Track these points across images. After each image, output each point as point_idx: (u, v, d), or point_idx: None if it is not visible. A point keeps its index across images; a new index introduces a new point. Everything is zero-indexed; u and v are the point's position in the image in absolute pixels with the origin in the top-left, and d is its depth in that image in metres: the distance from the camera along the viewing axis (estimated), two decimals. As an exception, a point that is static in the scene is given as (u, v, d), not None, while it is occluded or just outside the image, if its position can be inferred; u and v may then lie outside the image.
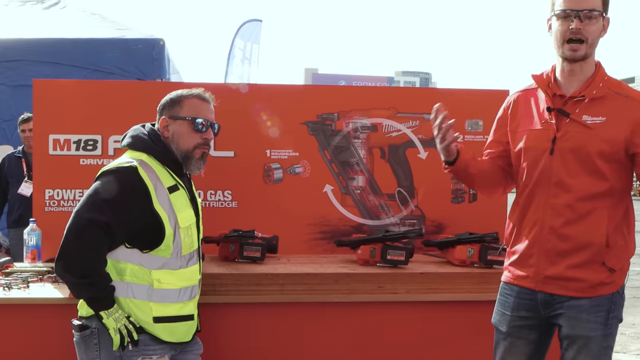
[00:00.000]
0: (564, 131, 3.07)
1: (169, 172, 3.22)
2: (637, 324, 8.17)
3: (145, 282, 3.11)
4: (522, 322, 3.20)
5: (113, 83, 5.26)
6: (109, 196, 3.05)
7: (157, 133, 3.30)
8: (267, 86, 5.09)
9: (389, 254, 4.14)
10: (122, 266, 3.11)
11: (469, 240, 4.28)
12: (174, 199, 3.17)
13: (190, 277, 3.27)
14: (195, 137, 3.27)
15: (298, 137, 4.70)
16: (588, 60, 3.09)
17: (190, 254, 3.26)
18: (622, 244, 3.07)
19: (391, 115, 4.77)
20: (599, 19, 3.02)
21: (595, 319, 3.03)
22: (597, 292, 3.04)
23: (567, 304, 3.07)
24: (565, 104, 3.10)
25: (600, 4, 3.02)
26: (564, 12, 3.01)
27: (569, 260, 3.05)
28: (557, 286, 3.08)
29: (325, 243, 4.70)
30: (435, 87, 76.55)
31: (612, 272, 3.04)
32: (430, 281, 4.03)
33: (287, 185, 4.70)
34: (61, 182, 4.51)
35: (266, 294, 3.90)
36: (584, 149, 3.02)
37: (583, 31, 2.99)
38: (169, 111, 3.29)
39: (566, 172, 3.05)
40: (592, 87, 3.07)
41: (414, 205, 4.79)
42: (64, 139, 4.52)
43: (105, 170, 3.16)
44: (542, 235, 3.10)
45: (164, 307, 3.15)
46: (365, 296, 3.98)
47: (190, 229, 3.25)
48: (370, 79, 33.09)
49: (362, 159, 4.76)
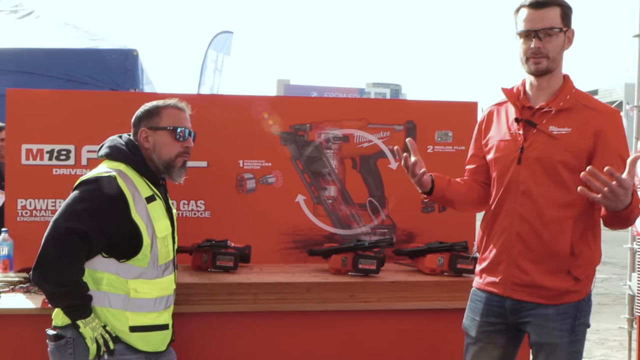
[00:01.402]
0: (531, 141, 3.14)
1: (146, 183, 3.24)
2: (601, 330, 8.29)
3: (121, 291, 3.12)
4: (490, 328, 3.26)
5: (86, 93, 5.26)
6: (88, 205, 3.06)
7: (134, 143, 3.31)
8: (241, 97, 5.12)
9: (360, 263, 4.18)
10: (98, 275, 3.11)
11: (439, 249, 4.33)
12: (151, 209, 3.19)
13: (166, 286, 3.29)
14: (176, 146, 3.31)
15: (271, 147, 4.74)
16: (554, 73, 3.17)
17: (166, 263, 3.27)
18: (588, 253, 3.13)
19: (362, 126, 4.82)
20: (559, 34, 3.10)
21: (562, 327, 3.10)
22: (563, 300, 3.11)
23: (533, 312, 3.13)
24: (533, 115, 3.18)
25: (559, 20, 3.10)
26: (525, 32, 3.11)
27: (536, 268, 3.12)
28: (525, 293, 3.14)
29: (297, 252, 4.73)
30: (405, 98, 76.85)
31: (578, 281, 3.10)
32: (401, 290, 4.08)
33: (260, 195, 4.73)
34: (34, 192, 4.50)
35: (239, 304, 3.92)
36: (549, 159, 3.09)
37: (543, 49, 3.08)
38: (148, 122, 3.31)
39: (532, 181, 3.12)
40: (559, 99, 3.14)
41: (384, 214, 4.85)
42: (37, 149, 4.52)
43: (83, 179, 3.17)
44: (510, 242, 3.17)
45: (140, 316, 3.16)
46: (337, 305, 4.01)
47: (167, 239, 3.27)
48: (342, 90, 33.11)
49: (334, 169, 4.81)
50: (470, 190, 3.46)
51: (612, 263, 14.30)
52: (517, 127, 3.20)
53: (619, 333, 7.80)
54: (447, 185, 3.38)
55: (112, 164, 3.24)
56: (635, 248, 6.96)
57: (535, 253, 3.12)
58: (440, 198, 3.41)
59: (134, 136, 3.34)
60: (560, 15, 3.10)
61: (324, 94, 29.00)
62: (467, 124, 4.85)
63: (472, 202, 3.48)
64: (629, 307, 7.16)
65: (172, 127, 3.31)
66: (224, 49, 12.95)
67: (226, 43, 13.09)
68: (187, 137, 3.35)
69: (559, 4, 3.11)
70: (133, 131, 3.36)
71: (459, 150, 4.80)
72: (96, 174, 3.17)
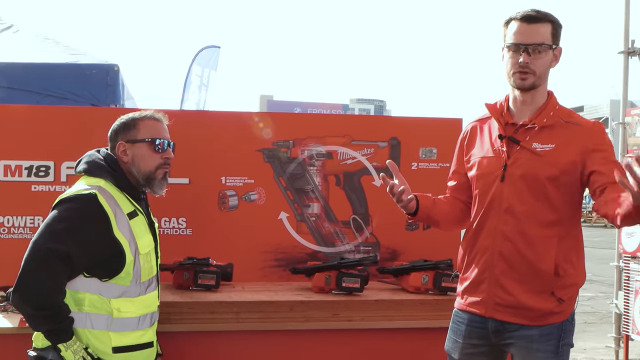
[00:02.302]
0: (514, 158, 3.10)
1: (127, 198, 3.19)
2: (588, 349, 8.27)
3: (104, 311, 3.06)
4: (473, 350, 3.21)
5: (66, 109, 5.19)
6: (68, 225, 2.99)
7: (113, 158, 3.25)
8: (223, 113, 5.09)
9: (344, 282, 4.15)
10: (80, 296, 3.04)
11: (423, 267, 4.31)
12: (133, 225, 3.14)
13: (150, 303, 3.24)
14: (155, 157, 3.26)
15: (253, 164, 4.70)
16: (539, 89, 3.14)
17: (149, 280, 3.22)
18: (572, 273, 3.08)
19: (346, 142, 4.79)
20: (547, 51, 3.07)
21: (546, 348, 3.05)
22: (547, 321, 3.06)
23: (517, 333, 3.08)
24: (516, 132, 3.14)
25: (549, 37, 3.08)
26: (514, 46, 3.07)
27: (519, 287, 3.06)
28: (508, 313, 3.09)
29: (280, 270, 4.68)
30: (389, 114, 77.20)
31: (561, 302, 3.06)
32: (385, 308, 4.05)
33: (242, 213, 4.69)
34: (12, 209, 4.43)
35: (221, 322, 3.87)
36: (534, 176, 3.06)
37: (531, 65, 3.05)
38: (125, 135, 3.25)
39: (516, 199, 3.08)
40: (543, 115, 3.11)
41: (368, 232, 4.81)
42: (15, 165, 4.45)
43: (63, 197, 3.09)
44: (493, 261, 3.12)
45: (123, 336, 3.10)
46: (321, 324, 3.98)
47: (150, 255, 3.22)
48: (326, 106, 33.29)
49: (318, 186, 4.77)
50: (453, 208, 3.42)
51: (599, 281, 14.33)
52: (501, 143, 3.16)
53: (606, 352, 7.78)
54: (432, 205, 3.34)
55: (91, 180, 3.17)
56: (622, 266, 6.97)
57: (518, 272, 3.07)
58: (426, 218, 3.38)
59: (112, 150, 3.29)
60: (551, 32, 3.08)
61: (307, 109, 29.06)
62: (451, 141, 4.78)
63: (455, 220, 3.44)
64: (616, 325, 7.16)
65: (151, 139, 3.25)
66: (210, 64, 12.89)
67: (212, 58, 13.03)
68: (167, 147, 3.29)
69: (551, 20, 3.09)
70: (110, 145, 3.30)
71: (443, 167, 4.77)
72: (76, 191, 3.10)
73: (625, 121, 7.23)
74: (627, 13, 7.20)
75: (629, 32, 7.16)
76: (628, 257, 6.83)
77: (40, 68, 6.79)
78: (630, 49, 7.11)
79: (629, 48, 7.12)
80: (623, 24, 7.21)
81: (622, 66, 7.20)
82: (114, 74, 6.81)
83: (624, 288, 6.91)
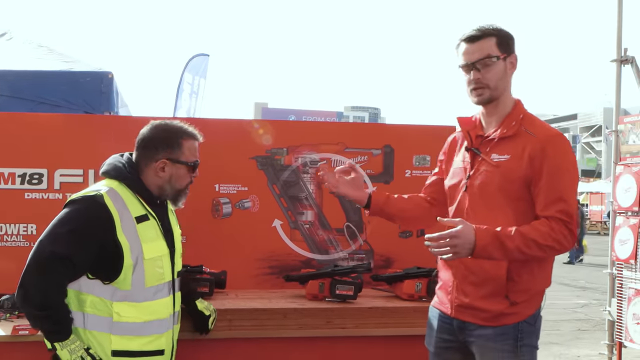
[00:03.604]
0: (476, 169, 3.24)
1: (139, 201, 3.21)
2: (582, 356, 8.28)
3: (105, 314, 3.10)
4: (445, 344, 3.36)
5: (60, 116, 5.18)
6: (72, 227, 3.05)
7: (133, 163, 3.28)
8: (217, 120, 5.08)
9: (337, 289, 4.15)
10: (83, 297, 3.09)
11: (417, 274, 4.32)
12: (141, 229, 3.15)
13: (158, 310, 3.22)
14: (188, 177, 3.35)
15: (247, 171, 4.69)
16: (501, 100, 3.25)
17: (157, 286, 3.21)
18: (529, 278, 3.16)
19: (340, 150, 4.80)
20: (497, 63, 3.18)
21: (502, 347, 3.17)
22: (500, 322, 3.17)
23: (475, 332, 3.22)
24: (481, 144, 3.27)
25: (495, 48, 3.18)
26: (465, 66, 3.21)
27: (476, 292, 3.21)
28: (468, 314, 3.24)
29: (274, 278, 4.68)
30: (384, 121, 77.24)
31: (514, 304, 3.15)
32: (379, 316, 4.05)
33: (236, 220, 4.68)
34: (5, 217, 4.41)
35: (214, 330, 3.86)
36: (489, 186, 3.18)
37: (482, 79, 3.18)
38: (168, 153, 3.27)
39: (473, 208, 3.21)
40: (504, 126, 3.22)
41: (362, 239, 4.81)
42: (9, 173, 4.44)
43: (72, 198, 3.16)
44: (458, 266, 3.26)
45: (127, 340, 3.12)
46: (315, 331, 3.98)
47: (160, 261, 3.23)
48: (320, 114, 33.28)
49: (311, 194, 4.77)
50: (412, 205, 3.63)
51: (592, 288, 14.37)
52: (467, 155, 3.31)
53: (599, 359, 7.80)
54: (385, 200, 3.58)
55: (107, 182, 3.23)
56: (615, 273, 6.97)
57: (476, 276, 3.20)
58: (380, 212, 3.61)
59: (144, 160, 3.28)
60: (496, 44, 3.19)
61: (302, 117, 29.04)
62: (445, 148, 4.84)
63: (412, 217, 3.66)
64: (609, 332, 7.16)
65: (193, 163, 3.33)
66: (199, 72, 12.92)
67: (202, 66, 13.07)
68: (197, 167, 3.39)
69: (494, 34, 3.20)
70: (143, 153, 3.29)
71: (437, 175, 4.78)
72: (85, 192, 3.16)
73: (619, 129, 7.25)
74: (620, 21, 7.23)
75: (621, 40, 7.20)
76: (621, 264, 6.83)
77: (34, 75, 6.78)
78: (623, 57, 7.13)
79: (622, 56, 7.15)
80: (616, 33, 7.24)
81: (614, 74, 7.22)
82: (108, 81, 6.81)
83: (617, 295, 6.91)
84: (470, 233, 2.97)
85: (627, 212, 6.77)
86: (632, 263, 6.65)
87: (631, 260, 6.64)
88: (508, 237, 2.99)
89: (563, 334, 9.45)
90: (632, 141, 7.02)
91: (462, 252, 2.99)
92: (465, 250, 2.98)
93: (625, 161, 6.98)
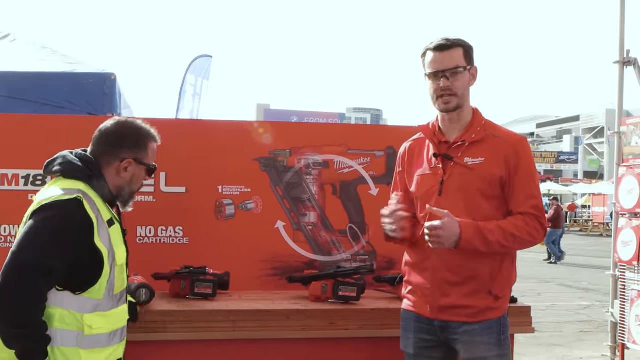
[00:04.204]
0: (450, 173, 3.35)
1: (106, 206, 3.03)
2: (584, 358, 8.27)
3: (75, 327, 2.86)
4: (425, 344, 3.43)
5: (63, 117, 5.20)
6: (51, 236, 2.81)
7: (91, 160, 3.07)
8: (220, 122, 5.09)
9: (340, 290, 4.15)
10: (51, 311, 2.84)
11: (420, 276, 4.30)
12: (112, 233, 2.98)
13: (121, 318, 3.09)
14: (144, 179, 3.19)
15: (250, 173, 4.70)
16: (464, 108, 3.40)
17: (120, 293, 3.07)
18: (506, 275, 3.39)
19: (342, 152, 4.81)
20: (464, 73, 3.34)
21: (489, 341, 3.31)
22: (486, 316, 3.31)
23: (460, 329, 3.32)
24: (450, 149, 3.39)
25: (462, 60, 3.34)
26: (433, 74, 3.32)
27: (459, 291, 3.31)
28: (450, 314, 3.33)
29: (277, 279, 4.68)
30: (386, 123, 77.26)
31: (498, 299, 3.33)
32: (382, 317, 4.05)
33: (239, 221, 4.68)
34: (9, 218, 4.42)
35: (218, 331, 3.86)
36: (467, 188, 3.31)
37: (452, 87, 3.31)
38: (134, 153, 3.09)
39: (452, 211, 3.24)
40: (471, 131, 3.37)
41: (365, 241, 4.82)
42: (12, 174, 4.45)
43: (44, 204, 2.88)
44: (436, 267, 3.34)
45: (95, 353, 2.91)
46: (318, 332, 3.98)
47: (123, 267, 3.07)
48: (322, 115, 33.26)
49: (314, 195, 4.77)
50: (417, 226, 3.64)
51: (595, 290, 14.36)
52: (436, 161, 3.41)
53: (602, 360, 7.80)
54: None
55: (68, 183, 2.97)
56: (618, 275, 6.98)
57: (458, 276, 3.31)
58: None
59: (105, 156, 3.09)
60: (463, 55, 3.35)
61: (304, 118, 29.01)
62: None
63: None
64: (612, 334, 7.17)
65: (154, 166, 3.18)
66: (202, 73, 12.93)
67: (205, 67, 13.08)
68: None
69: (461, 45, 3.35)
70: (106, 150, 3.10)
71: (439, 176, 4.78)
72: (57, 197, 2.88)
73: (621, 130, 7.26)
74: (622, 23, 7.25)
75: (624, 42, 7.22)
76: (624, 266, 6.84)
77: (37, 77, 6.79)
78: (626, 58, 7.15)
79: (624, 58, 7.17)
80: (618, 34, 7.26)
81: (617, 76, 7.24)
82: (111, 82, 6.82)
83: (619, 297, 6.92)
84: (456, 226, 3.17)
85: (630, 214, 6.78)
86: (634, 265, 6.67)
87: (634, 262, 6.65)
88: (490, 230, 3.20)
89: (565, 336, 9.45)
90: (634, 143, 7.03)
91: (446, 244, 3.18)
92: (449, 242, 3.18)
93: (628, 163, 6.99)
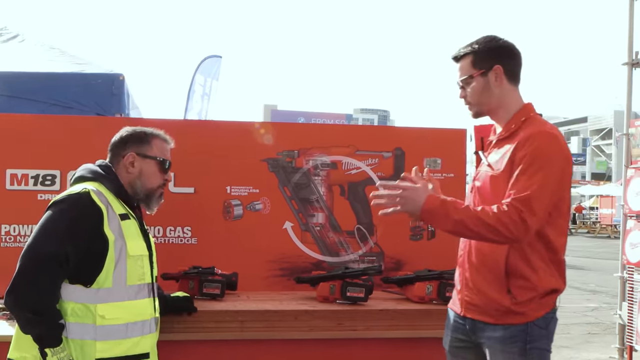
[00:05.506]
0: (478, 171, 3.35)
1: (119, 202, 3.18)
2: (592, 360, 8.28)
3: (88, 320, 3.00)
4: (459, 344, 3.36)
5: (71, 118, 5.22)
6: (64, 226, 3.00)
7: (109, 165, 3.27)
8: (228, 123, 5.10)
9: (348, 291, 4.15)
10: (64, 306, 3.01)
11: (428, 277, 4.31)
12: (124, 226, 3.12)
13: (140, 311, 3.16)
14: (160, 177, 3.31)
15: (258, 174, 4.71)
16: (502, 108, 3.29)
17: (139, 286, 3.15)
18: (530, 275, 3.12)
19: (350, 153, 4.81)
20: (475, 80, 3.27)
21: (511, 350, 3.13)
22: (508, 320, 3.13)
23: (485, 334, 3.20)
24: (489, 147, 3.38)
25: (470, 68, 3.28)
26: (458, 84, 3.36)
27: (483, 285, 3.20)
28: (476, 312, 3.22)
29: (284, 280, 4.69)
30: (393, 124, 77.20)
31: (517, 300, 3.11)
32: (390, 318, 4.05)
33: (247, 222, 4.70)
34: (18, 218, 4.45)
35: (226, 331, 3.87)
36: (485, 187, 3.25)
37: (468, 97, 3.32)
38: (137, 148, 3.28)
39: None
40: (504, 130, 3.29)
41: (373, 242, 4.82)
42: (22, 174, 4.47)
43: (56, 200, 3.11)
44: (464, 263, 3.31)
45: (112, 345, 3.02)
46: (325, 333, 3.98)
47: (142, 260, 3.18)
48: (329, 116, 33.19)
49: (322, 196, 4.78)
50: None
51: (603, 292, 14.32)
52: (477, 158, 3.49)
53: (609, 363, 7.78)
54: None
55: (82, 184, 3.16)
56: (626, 277, 6.96)
57: (479, 273, 3.22)
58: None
59: (115, 158, 3.30)
60: (471, 62, 3.28)
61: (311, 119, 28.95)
62: (456, 151, 4.85)
63: None
64: (620, 336, 7.15)
65: (162, 159, 3.31)
66: (212, 74, 12.93)
67: (214, 67, 13.07)
68: (169, 170, 3.37)
69: (470, 52, 3.29)
70: (114, 152, 3.32)
71: (447, 178, 4.79)
72: (68, 193, 3.12)
73: (629, 132, 7.25)
74: (631, 25, 7.24)
75: (633, 43, 7.20)
76: (632, 268, 6.83)
77: (46, 77, 6.81)
78: (634, 60, 7.14)
79: (633, 59, 7.15)
80: (627, 36, 7.25)
81: (626, 77, 7.23)
82: (119, 83, 6.83)
83: (627, 299, 6.90)
84: (423, 195, 3.09)
85: (638, 216, 6.77)
86: (643, 267, 6.64)
87: (642, 264, 6.63)
88: (455, 209, 3.04)
89: (573, 338, 9.43)
90: (643, 144, 7.01)
91: (407, 208, 3.10)
92: (410, 207, 3.09)
93: (637, 164, 6.97)
